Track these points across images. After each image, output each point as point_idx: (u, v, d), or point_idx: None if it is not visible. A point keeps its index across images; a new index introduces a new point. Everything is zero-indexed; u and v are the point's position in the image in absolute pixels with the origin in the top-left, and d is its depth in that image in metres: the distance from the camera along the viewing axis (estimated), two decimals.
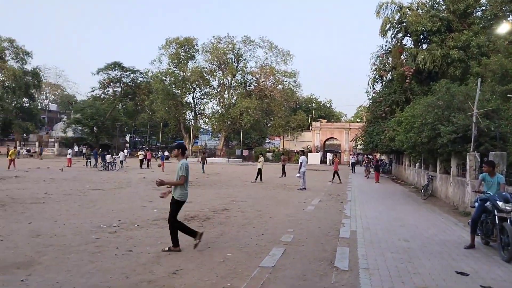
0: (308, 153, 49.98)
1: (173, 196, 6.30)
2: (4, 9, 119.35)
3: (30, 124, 54.12)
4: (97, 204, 11.13)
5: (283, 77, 57.39)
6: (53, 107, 77.68)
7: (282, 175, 24.20)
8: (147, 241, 6.89)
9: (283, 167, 24.79)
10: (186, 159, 6.72)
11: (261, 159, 21.25)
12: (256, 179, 20.14)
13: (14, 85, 52.24)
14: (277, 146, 64.85)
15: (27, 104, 58.62)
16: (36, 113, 59.59)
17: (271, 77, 56.84)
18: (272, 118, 60.10)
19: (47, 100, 77.67)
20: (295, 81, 58.06)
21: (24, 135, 55.88)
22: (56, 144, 54.06)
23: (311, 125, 60.42)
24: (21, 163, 28.53)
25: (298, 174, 17.05)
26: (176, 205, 6.27)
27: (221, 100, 57.69)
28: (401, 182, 25.33)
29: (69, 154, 32.47)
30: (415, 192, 18.44)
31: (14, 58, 54.04)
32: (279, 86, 57.11)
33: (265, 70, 56.82)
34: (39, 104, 67.34)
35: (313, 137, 59.64)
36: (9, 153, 25.15)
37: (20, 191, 13.62)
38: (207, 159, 33.32)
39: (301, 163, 17.13)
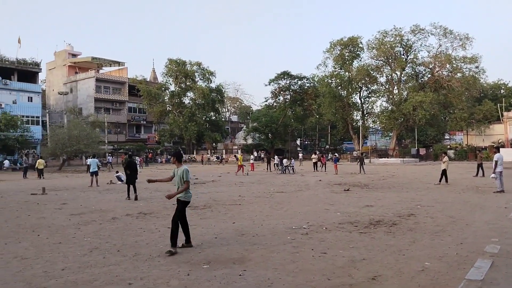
0: (500, 149, 43.07)
1: (178, 198, 7.01)
2: (190, 36, 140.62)
3: (217, 134, 62.12)
4: (284, 206, 12.05)
5: (462, 64, 51.00)
6: (234, 118, 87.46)
7: (477, 174, 22.43)
8: (338, 245, 7.12)
9: (480, 166, 22.73)
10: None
11: (445, 158, 19.37)
12: (440, 181, 18.49)
13: (203, 102, 60.82)
14: (459, 142, 58.00)
15: (214, 117, 67.39)
16: (221, 125, 68.00)
17: (447, 66, 51.20)
18: (451, 111, 54.10)
19: (229, 112, 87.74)
20: (477, 67, 50.89)
21: (213, 144, 64.39)
22: (239, 151, 60.59)
23: (502, 116, 51.97)
24: (212, 169, 33.01)
25: (493, 175, 14.91)
26: (183, 205, 7.02)
27: (390, 96, 54.93)
28: None
29: (251, 159, 35.97)
30: None
31: (202, 78, 62.89)
32: (458, 74, 50.98)
33: (439, 59, 51.59)
34: (223, 116, 76.58)
35: (506, 129, 51.14)
36: (239, 159, 29.57)
37: (219, 194, 15.79)
38: (365, 159, 32.92)
39: (496, 161, 14.94)
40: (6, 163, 42.53)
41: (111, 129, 59.23)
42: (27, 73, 52.83)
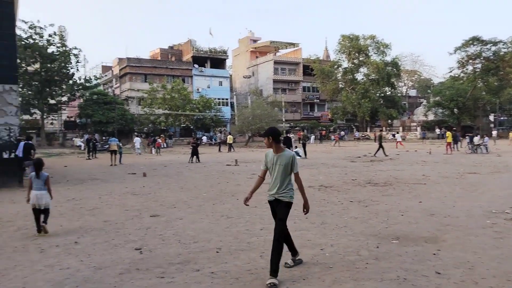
0: None
1: (280, 199, 4.66)
2: (362, 9, 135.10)
3: (393, 110, 58.88)
4: (479, 188, 10.75)
5: None
6: (412, 92, 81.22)
7: None
8: None
9: None
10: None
11: None
12: None
13: (377, 77, 58.26)
14: None
15: (389, 93, 64.01)
16: (397, 100, 64.07)
17: None
18: None
19: (405, 87, 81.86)
20: None
21: (389, 121, 61.40)
22: (418, 128, 56.26)
23: None
24: (388, 147, 31.58)
25: None
26: (288, 209, 4.71)
27: None
28: None
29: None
30: None
31: (376, 52, 60.08)
32: None
33: None
34: (399, 91, 71.96)
35: None
36: (448, 137, 26.48)
37: (400, 172, 15.10)
38: None
39: None
40: (204, 138, 49.75)
41: (288, 108, 62.64)
42: (217, 60, 60.22)
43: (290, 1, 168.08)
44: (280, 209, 4.62)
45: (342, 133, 59.22)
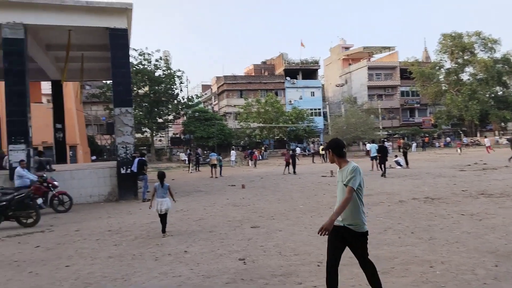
0: None
1: (347, 226, 3.72)
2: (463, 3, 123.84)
3: (506, 112, 52.71)
4: None
5: None
6: None
7: None
8: None
9: None
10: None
11: None
12: None
13: (486, 76, 52.83)
14: None
15: (500, 92, 57.56)
16: (511, 101, 57.30)
17: None
18: None
19: None
20: None
21: (502, 124, 55.06)
22: None
23: None
24: (501, 153, 28.27)
25: None
26: (366, 238, 3.80)
27: None
28: None
29: None
30: None
31: (483, 49, 54.61)
32: None
33: None
34: None
35: None
36: None
37: None
38: None
39: None
40: (298, 150, 49.93)
41: (385, 114, 59.94)
42: (309, 71, 60.34)
43: (383, 4, 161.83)
44: (355, 242, 3.74)
45: (448, 139, 54.66)
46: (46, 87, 34.69)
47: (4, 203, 9.34)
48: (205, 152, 43.95)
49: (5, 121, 13.85)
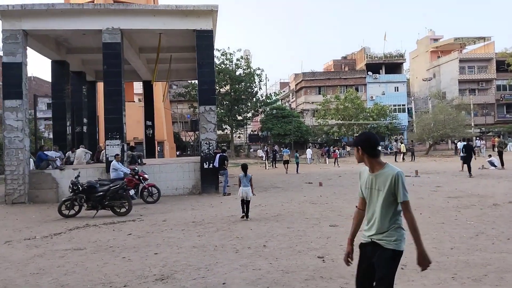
0: None
1: (384, 246, 2.92)
2: None
3: None
4: None
5: None
6: None
7: None
8: None
9: None
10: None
11: None
12: None
13: None
14: None
15: None
16: None
17: None
18: None
19: None
20: None
21: None
22: None
23: None
24: None
25: None
26: (395, 261, 2.93)
27: None
28: None
29: None
30: None
31: None
32: None
33: None
34: None
35: None
36: None
37: None
38: None
39: None
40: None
41: (477, 110, 55.01)
42: (392, 65, 57.48)
43: None
44: (379, 260, 2.91)
45: None
46: (137, 87, 37.69)
47: (101, 193, 10.34)
48: (282, 148, 44.28)
49: (103, 118, 15.33)
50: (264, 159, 34.16)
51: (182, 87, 51.07)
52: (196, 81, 22.53)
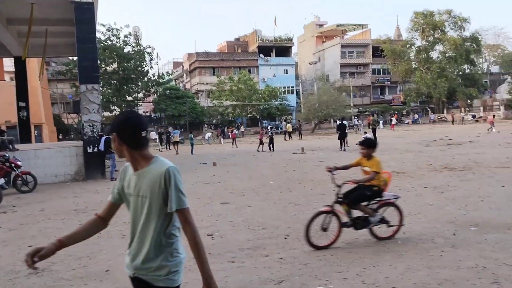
0: None
1: (148, 281, 2.04)
2: None
3: (472, 89, 54.39)
4: None
5: None
6: (494, 69, 74.17)
7: None
8: None
9: None
10: None
11: None
12: None
13: (455, 54, 54.09)
14: None
15: (468, 70, 59.21)
16: (477, 78, 59.02)
17: None
18: None
19: (487, 63, 74.96)
20: None
21: (468, 101, 56.89)
22: (502, 107, 51.48)
23: None
24: (467, 129, 29.40)
25: None
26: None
27: None
28: None
29: None
30: None
31: (453, 27, 55.76)
32: None
33: None
34: (479, 68, 66.23)
35: None
36: None
37: (480, 155, 13.99)
38: None
39: None
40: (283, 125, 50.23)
41: (356, 92, 60.72)
42: (282, 48, 59.99)
43: None
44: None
45: (416, 116, 56.11)
46: (8, 63, 33.00)
47: None
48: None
49: None
50: (157, 141, 33.10)
51: (62, 64, 46.30)
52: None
